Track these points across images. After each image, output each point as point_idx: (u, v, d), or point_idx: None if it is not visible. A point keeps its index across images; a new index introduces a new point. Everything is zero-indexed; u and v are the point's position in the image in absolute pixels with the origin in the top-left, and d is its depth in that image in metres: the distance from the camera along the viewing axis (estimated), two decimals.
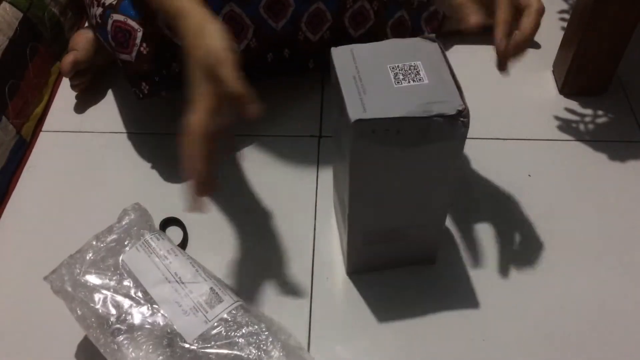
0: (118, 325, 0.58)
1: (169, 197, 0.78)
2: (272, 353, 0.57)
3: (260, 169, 0.81)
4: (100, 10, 0.72)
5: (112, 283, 0.60)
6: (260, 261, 0.72)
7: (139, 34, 0.70)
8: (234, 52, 0.53)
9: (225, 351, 0.56)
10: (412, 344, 0.65)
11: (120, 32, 0.70)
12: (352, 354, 0.65)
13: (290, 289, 0.70)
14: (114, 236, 0.64)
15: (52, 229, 0.76)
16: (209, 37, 0.54)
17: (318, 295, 0.69)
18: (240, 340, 0.57)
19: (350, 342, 0.66)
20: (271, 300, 0.68)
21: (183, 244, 0.73)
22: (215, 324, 0.58)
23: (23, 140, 0.84)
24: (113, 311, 0.59)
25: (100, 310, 0.59)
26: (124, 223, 0.65)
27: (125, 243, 0.63)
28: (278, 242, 0.74)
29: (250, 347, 0.57)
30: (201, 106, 0.54)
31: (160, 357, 0.56)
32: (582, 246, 0.73)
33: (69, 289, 0.60)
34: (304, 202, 0.77)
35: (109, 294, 0.60)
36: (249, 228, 0.75)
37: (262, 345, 0.57)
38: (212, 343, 0.57)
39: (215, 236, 0.74)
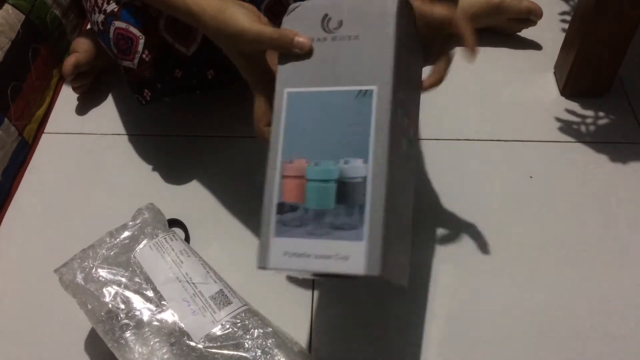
0: (127, 321, 0.58)
1: (170, 199, 0.78)
2: (277, 358, 0.57)
3: (261, 172, 0.81)
4: (102, 17, 0.72)
5: (124, 279, 0.61)
6: None
7: (141, 41, 0.70)
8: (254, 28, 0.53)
9: (230, 352, 0.56)
10: (416, 347, 0.65)
11: (122, 39, 0.71)
12: None
13: (292, 293, 0.70)
14: (127, 233, 0.64)
15: (53, 230, 0.76)
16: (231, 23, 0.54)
17: (321, 299, 0.69)
18: (247, 342, 0.57)
19: (354, 347, 0.66)
20: (273, 304, 0.67)
21: None
22: (223, 324, 0.58)
23: (25, 142, 0.84)
24: (122, 306, 0.59)
25: (110, 305, 0.59)
26: (138, 222, 0.66)
27: (139, 241, 0.64)
28: None
29: (256, 350, 0.57)
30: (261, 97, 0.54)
31: (166, 355, 0.56)
32: (584, 247, 0.73)
33: (81, 282, 0.60)
34: None
35: (119, 289, 0.60)
36: (250, 231, 0.75)
37: (267, 349, 0.57)
38: (219, 343, 0.57)
39: (216, 238, 0.74)
